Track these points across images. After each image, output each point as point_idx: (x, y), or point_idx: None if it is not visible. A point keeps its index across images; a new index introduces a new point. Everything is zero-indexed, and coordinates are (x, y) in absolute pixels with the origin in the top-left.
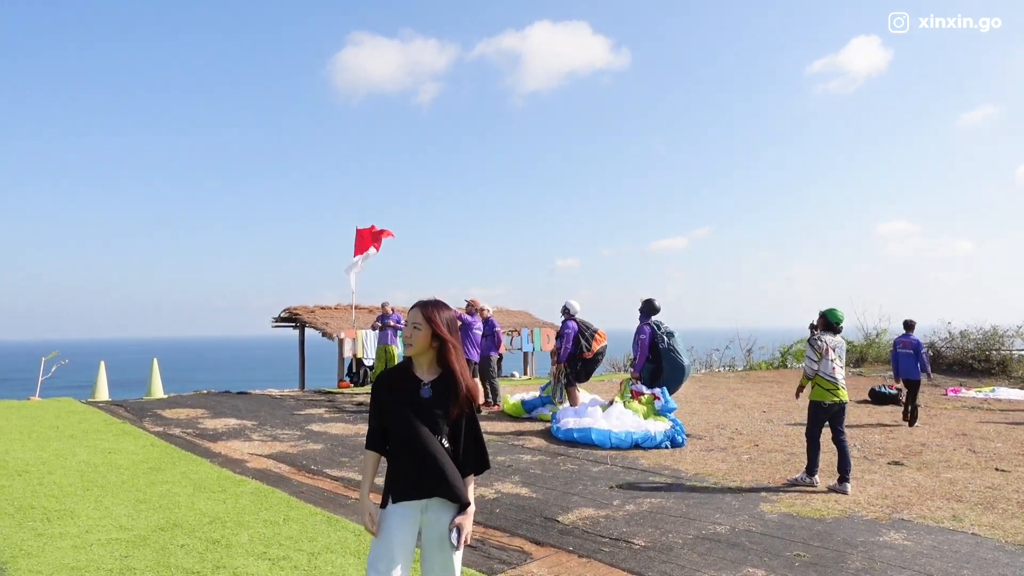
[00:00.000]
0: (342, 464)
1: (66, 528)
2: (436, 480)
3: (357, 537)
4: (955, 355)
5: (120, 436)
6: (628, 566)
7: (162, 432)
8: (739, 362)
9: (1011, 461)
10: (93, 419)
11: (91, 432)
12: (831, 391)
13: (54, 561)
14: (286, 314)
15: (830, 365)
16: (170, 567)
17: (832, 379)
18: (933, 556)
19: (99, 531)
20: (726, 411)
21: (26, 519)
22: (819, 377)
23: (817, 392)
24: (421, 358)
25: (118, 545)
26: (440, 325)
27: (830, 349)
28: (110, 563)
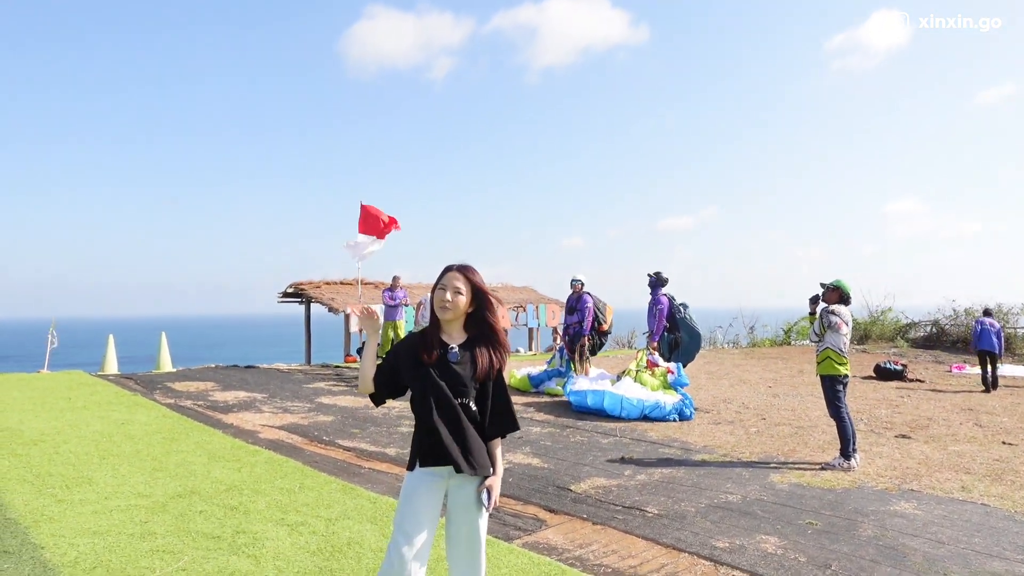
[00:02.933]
0: (353, 435)
1: (85, 495)
2: (458, 450)
3: (373, 504)
4: (959, 332)
5: (132, 407)
6: (642, 532)
7: (173, 404)
8: (743, 339)
9: (1017, 435)
10: (104, 391)
11: (103, 403)
12: (844, 364)
13: (76, 526)
14: (292, 290)
15: (842, 339)
16: (190, 532)
17: (842, 352)
18: (944, 525)
19: (118, 498)
20: (732, 386)
21: (45, 486)
22: (830, 350)
23: (830, 366)
24: (452, 323)
25: (137, 511)
26: (480, 288)
27: (844, 324)
28: (131, 528)
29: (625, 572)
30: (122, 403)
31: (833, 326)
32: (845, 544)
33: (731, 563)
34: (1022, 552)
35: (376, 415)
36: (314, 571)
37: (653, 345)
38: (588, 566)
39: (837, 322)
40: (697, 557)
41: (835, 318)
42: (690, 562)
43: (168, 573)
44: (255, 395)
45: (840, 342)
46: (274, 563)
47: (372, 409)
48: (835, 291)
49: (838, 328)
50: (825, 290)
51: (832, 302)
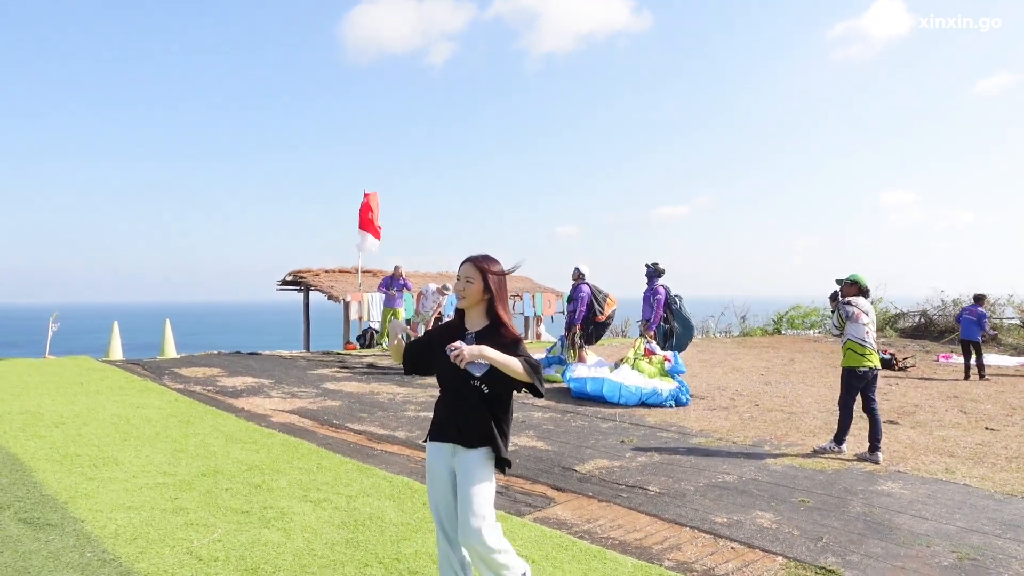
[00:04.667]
0: (362, 419)
1: (113, 473)
2: (457, 426)
3: (390, 483)
4: (947, 323)
5: (144, 392)
6: (646, 509)
7: (183, 389)
8: (735, 328)
9: (1000, 421)
10: (114, 376)
11: (115, 388)
12: (865, 356)
13: (110, 501)
14: (291, 277)
15: (862, 329)
16: (220, 507)
17: (864, 343)
18: (928, 503)
19: (145, 476)
20: (725, 374)
21: (74, 466)
22: (851, 342)
23: (850, 358)
24: (473, 311)
25: (166, 488)
26: (491, 279)
27: (862, 313)
28: (163, 504)
29: (631, 544)
30: (133, 388)
31: (851, 316)
32: (835, 520)
33: (729, 536)
34: (999, 527)
35: (383, 400)
36: (341, 542)
37: (650, 334)
38: (596, 539)
39: (855, 312)
40: (698, 531)
41: (852, 308)
42: (691, 535)
43: (205, 544)
44: (262, 381)
45: (861, 332)
46: (303, 535)
47: (378, 395)
48: (853, 285)
49: (856, 318)
50: (842, 285)
51: (851, 295)
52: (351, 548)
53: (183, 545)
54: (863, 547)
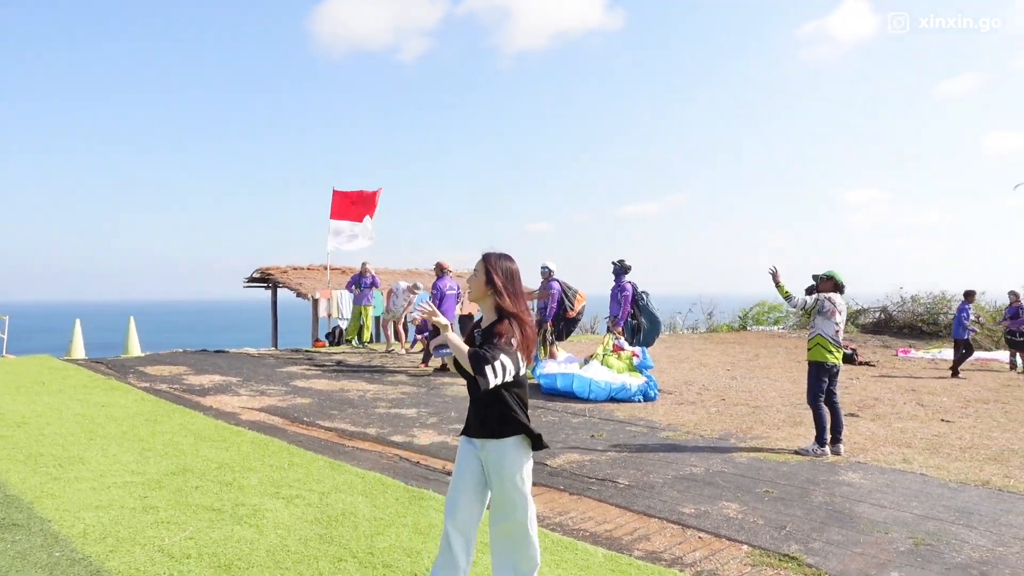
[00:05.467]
0: (332, 416)
1: (79, 473)
2: (480, 420)
3: (362, 480)
4: (906, 318)
5: (109, 391)
6: (615, 501)
7: (149, 387)
8: (702, 325)
9: (955, 413)
10: (77, 375)
11: (78, 387)
12: (832, 352)
13: (77, 501)
14: (259, 274)
15: (833, 327)
16: (190, 505)
17: (835, 340)
18: (886, 491)
19: (113, 475)
20: (692, 369)
21: (39, 465)
22: (821, 337)
23: (819, 352)
24: (484, 306)
25: (135, 487)
26: (495, 274)
27: (837, 312)
28: (132, 502)
29: (602, 536)
30: (98, 387)
31: (825, 312)
32: (798, 509)
33: (697, 526)
34: (953, 514)
35: (353, 398)
36: (314, 538)
37: (618, 330)
38: (568, 531)
39: (831, 309)
40: (666, 522)
41: (829, 305)
42: (660, 526)
43: (177, 542)
44: (229, 379)
45: (831, 330)
46: (275, 531)
47: (348, 392)
48: (829, 280)
49: (831, 315)
50: (819, 281)
51: (827, 291)
52: (325, 543)
53: (154, 543)
54: (825, 535)
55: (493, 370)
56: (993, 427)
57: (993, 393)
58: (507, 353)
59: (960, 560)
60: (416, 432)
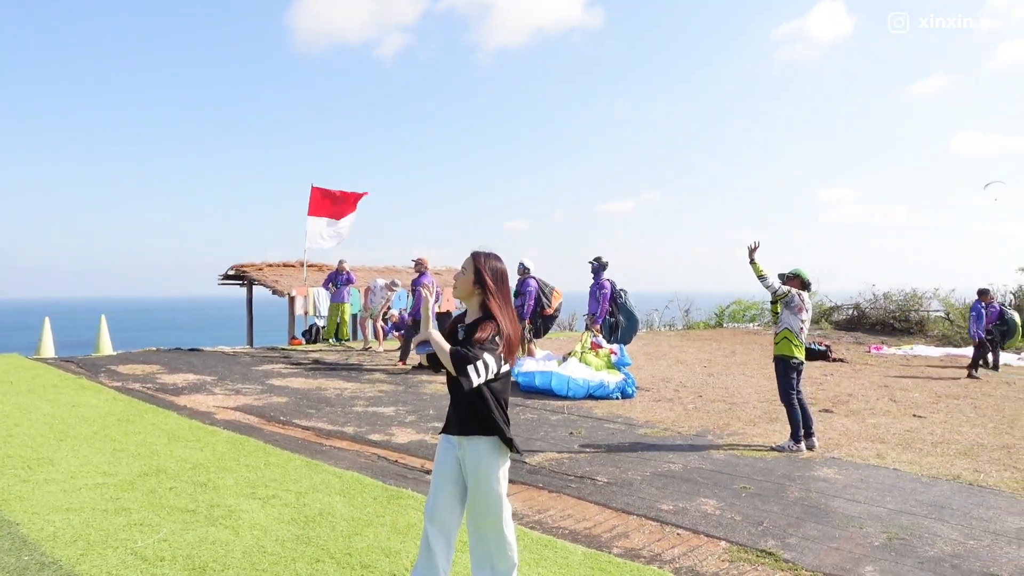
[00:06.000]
0: (309, 415)
1: (49, 475)
2: (460, 419)
3: (340, 479)
4: (878, 315)
5: (79, 390)
6: (594, 499)
7: (121, 387)
8: (678, 322)
9: (926, 408)
10: (46, 374)
11: (48, 387)
12: (799, 347)
13: (47, 503)
14: (234, 272)
15: (799, 323)
16: (164, 507)
17: (799, 336)
18: (860, 487)
19: (83, 477)
20: (669, 366)
21: (6, 467)
22: (788, 331)
23: (786, 346)
24: (469, 303)
25: (106, 489)
26: (484, 273)
27: (804, 309)
28: (103, 504)
29: (581, 533)
30: (68, 386)
31: (793, 307)
32: (775, 504)
33: (675, 523)
34: (926, 508)
35: (330, 396)
36: (291, 539)
37: (596, 328)
38: (547, 528)
39: (799, 304)
40: (645, 519)
41: (798, 299)
42: (639, 523)
43: (150, 544)
44: (204, 377)
45: (797, 326)
46: (251, 532)
47: (325, 390)
48: (795, 278)
49: (798, 311)
50: (785, 279)
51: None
52: (302, 544)
53: (126, 546)
54: (801, 530)
55: (476, 370)
56: (963, 422)
57: (963, 389)
58: (490, 352)
59: (933, 554)
60: (394, 430)
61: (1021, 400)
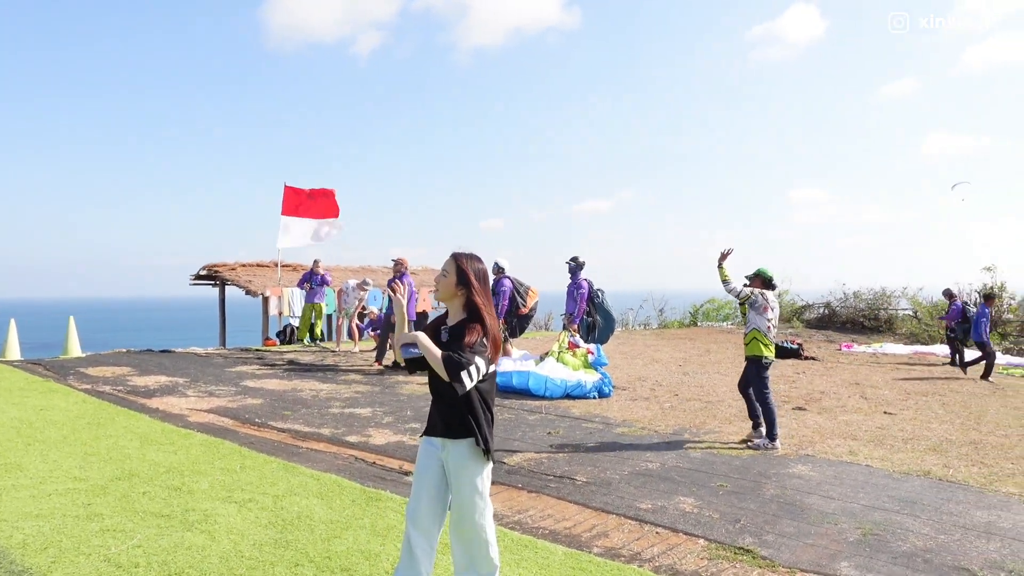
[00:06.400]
0: (285, 417)
1: (17, 480)
2: (444, 421)
3: (317, 481)
4: (848, 314)
5: (47, 393)
6: (574, 499)
7: (91, 389)
8: (653, 320)
9: (896, 406)
10: (12, 377)
11: (14, 390)
12: (768, 346)
13: (15, 510)
14: (206, 272)
15: (766, 322)
16: (138, 512)
17: (767, 335)
18: (834, 483)
19: (53, 482)
20: (645, 365)
21: None
22: (757, 331)
23: (756, 347)
24: (451, 305)
25: (77, 494)
26: (468, 273)
27: (769, 308)
28: (75, 510)
29: (561, 533)
30: (35, 389)
31: (758, 307)
32: (752, 502)
33: (654, 522)
34: (898, 504)
35: (306, 398)
36: (269, 543)
37: (573, 327)
38: (527, 529)
39: (763, 304)
40: (624, 518)
41: (762, 299)
42: (618, 522)
43: (124, 550)
44: (176, 379)
45: (764, 325)
46: (228, 537)
47: (301, 392)
48: (757, 278)
49: (763, 311)
50: (750, 280)
51: (757, 288)
52: (280, 548)
53: (100, 552)
54: (777, 527)
55: (468, 375)
56: (932, 419)
57: (931, 386)
58: (480, 354)
59: (906, 549)
60: (371, 432)
61: (987, 397)
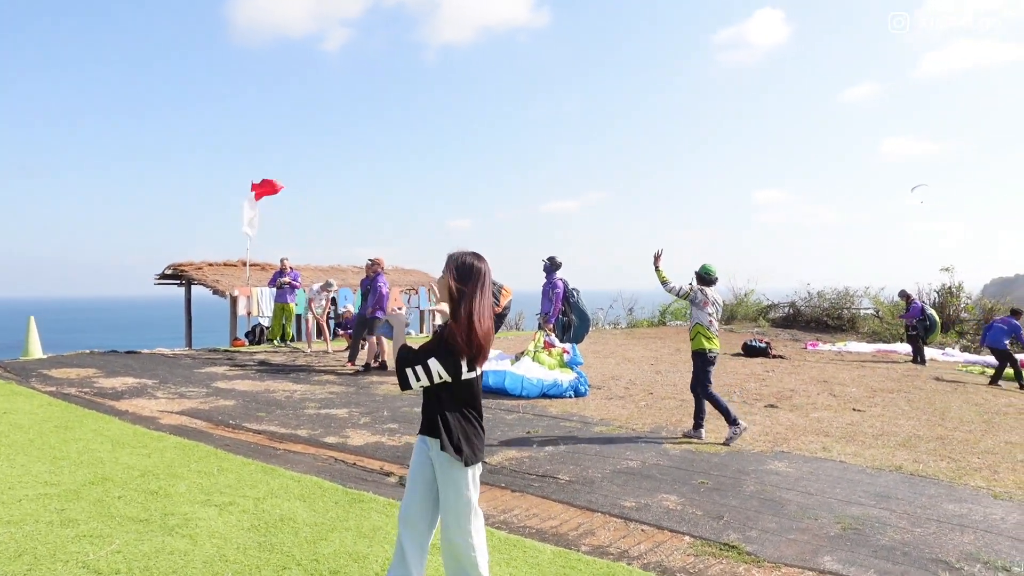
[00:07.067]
0: (260, 419)
1: None
2: (426, 419)
3: (298, 483)
4: (813, 313)
5: (10, 396)
6: (558, 497)
7: (56, 391)
8: (622, 320)
9: (864, 403)
10: None
11: None
12: (712, 340)
13: None
14: (171, 271)
15: (707, 317)
16: (114, 517)
17: (710, 328)
18: (811, 479)
19: (23, 487)
20: (618, 364)
21: None
22: (700, 326)
23: (700, 341)
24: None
25: (50, 499)
26: (462, 276)
27: (709, 303)
28: (48, 516)
29: (548, 532)
30: None
31: (698, 303)
32: (733, 498)
33: (639, 519)
34: (873, 499)
35: (279, 398)
36: (254, 546)
37: (549, 327)
38: (514, 528)
39: (703, 300)
40: (609, 516)
41: (701, 295)
42: (603, 520)
43: (103, 556)
44: (144, 381)
45: (706, 320)
46: (211, 541)
47: (274, 392)
48: (695, 274)
49: (703, 306)
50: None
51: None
52: (265, 551)
53: (77, 559)
54: (759, 523)
55: (414, 373)
56: (899, 415)
57: (896, 383)
58: (439, 356)
59: (885, 542)
60: (349, 433)
61: (949, 393)
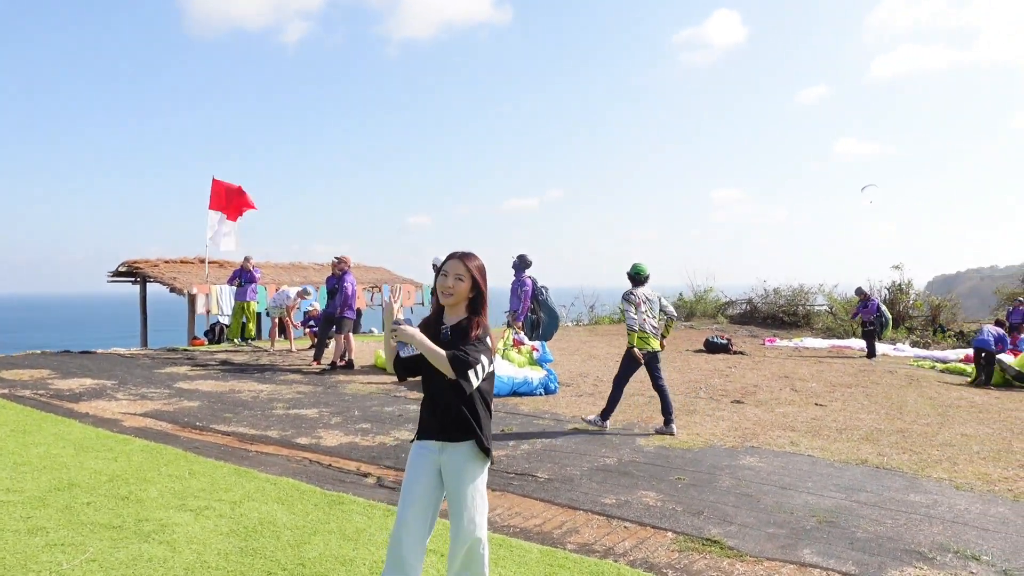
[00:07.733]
0: (228, 420)
1: None
2: (438, 424)
3: (275, 486)
4: (769, 309)
5: None
6: (539, 496)
7: (9, 394)
8: (584, 317)
9: (825, 397)
10: None
11: None
12: (645, 340)
13: None
14: (126, 268)
15: (641, 316)
16: (85, 524)
17: (643, 329)
18: (783, 473)
19: None
20: (584, 361)
21: None
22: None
23: (632, 338)
24: (454, 307)
25: (14, 507)
26: (480, 277)
27: (641, 303)
28: (14, 524)
29: (532, 531)
30: None
31: (631, 303)
32: (710, 494)
33: (621, 516)
34: (843, 491)
35: (246, 399)
36: (235, 551)
37: (518, 324)
38: (498, 528)
39: (636, 301)
40: (591, 513)
41: (633, 297)
42: (586, 518)
43: (78, 565)
44: (103, 382)
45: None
46: (190, 547)
47: (240, 393)
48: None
49: (637, 307)
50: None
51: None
52: (247, 557)
53: (50, 568)
54: (738, 518)
55: (475, 373)
56: (859, 409)
57: (853, 378)
58: (484, 352)
59: (860, 535)
60: (321, 433)
61: (905, 387)
